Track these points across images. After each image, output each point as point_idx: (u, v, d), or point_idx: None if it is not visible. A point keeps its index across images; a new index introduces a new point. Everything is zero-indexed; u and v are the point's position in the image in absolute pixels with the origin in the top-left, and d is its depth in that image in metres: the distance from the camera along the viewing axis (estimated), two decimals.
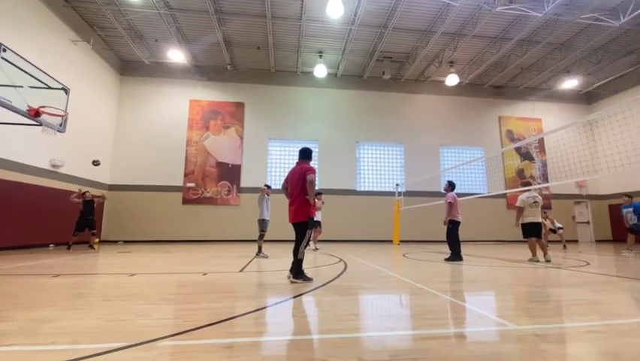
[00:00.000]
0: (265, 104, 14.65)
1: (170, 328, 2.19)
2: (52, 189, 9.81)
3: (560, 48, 13.04)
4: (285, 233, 13.16)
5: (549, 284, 4.19)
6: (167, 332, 2.07)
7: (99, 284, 4.02)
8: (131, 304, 2.89)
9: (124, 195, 13.05)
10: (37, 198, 9.21)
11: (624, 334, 2.16)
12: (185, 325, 2.24)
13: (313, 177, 4.09)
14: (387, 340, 2.04)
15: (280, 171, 14.38)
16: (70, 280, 4.12)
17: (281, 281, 4.14)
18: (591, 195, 16.09)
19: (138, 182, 13.26)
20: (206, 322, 2.30)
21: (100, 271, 5.28)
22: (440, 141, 15.60)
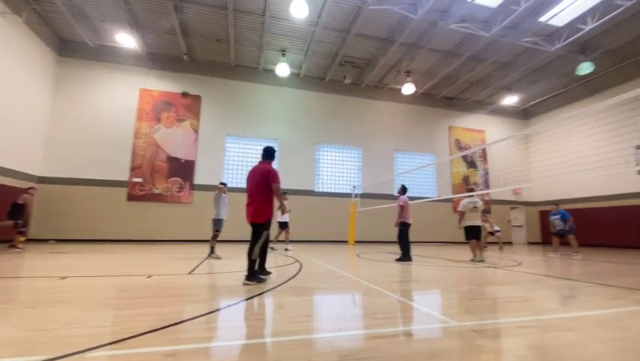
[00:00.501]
0: (224, 99, 14.13)
1: (104, 336, 1.99)
2: None
3: (503, 67, 14.31)
4: (242, 233, 12.85)
5: (487, 283, 4.54)
6: (100, 342, 1.88)
7: (23, 289, 3.56)
8: (60, 311, 2.59)
9: (58, 189, 11.72)
10: None
11: (550, 328, 2.40)
12: (123, 332, 2.05)
13: (278, 186, 4.10)
14: (338, 341, 2.06)
15: (237, 169, 13.97)
16: None
17: (233, 283, 4.00)
18: (525, 201, 17.86)
19: (75, 175, 11.99)
20: (146, 328, 2.13)
21: (25, 273, 4.69)
22: (395, 146, 16.28)
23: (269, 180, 4.09)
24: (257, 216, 4.06)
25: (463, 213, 7.46)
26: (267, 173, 4.12)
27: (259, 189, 4.10)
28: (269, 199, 4.12)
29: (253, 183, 4.19)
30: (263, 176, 4.12)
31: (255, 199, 4.11)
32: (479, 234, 7.46)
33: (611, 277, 5.11)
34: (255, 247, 4.00)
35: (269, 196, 4.12)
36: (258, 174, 4.18)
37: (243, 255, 4.31)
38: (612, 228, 13.69)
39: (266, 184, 4.09)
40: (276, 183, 4.08)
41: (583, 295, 3.71)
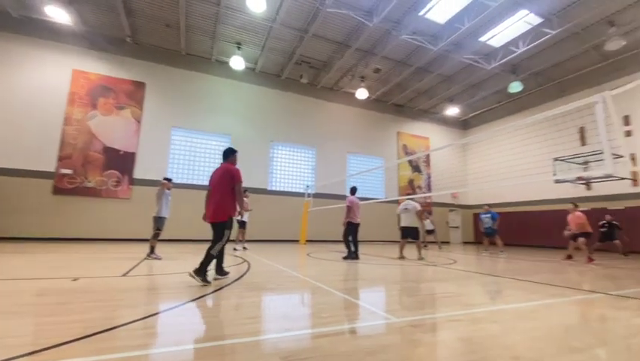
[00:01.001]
0: (171, 88, 13.25)
1: (20, 347, 1.73)
2: None
3: (447, 80, 15.46)
4: (189, 232, 12.16)
5: (425, 280, 4.86)
6: (15, 353, 1.63)
7: None
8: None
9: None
10: None
11: (478, 321, 2.63)
12: (41, 342, 1.80)
13: (240, 186, 4.16)
14: (282, 342, 2.03)
15: (184, 164, 13.20)
16: None
17: (172, 286, 3.76)
18: (461, 205, 19.49)
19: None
20: (69, 337, 1.90)
21: None
22: (348, 148, 16.70)
23: (230, 179, 4.13)
24: (217, 215, 4.07)
25: (399, 216, 8.09)
26: (228, 173, 4.17)
27: (220, 189, 4.13)
28: (229, 198, 4.12)
29: (214, 183, 4.23)
30: (224, 176, 4.17)
31: (215, 199, 4.13)
32: (411, 234, 7.93)
33: (530, 273, 5.78)
34: (217, 245, 4.03)
35: (229, 196, 4.13)
36: (220, 173, 4.23)
37: (188, 255, 4.08)
38: (533, 229, 15.54)
39: (227, 184, 4.13)
40: (238, 183, 4.13)
41: (506, 290, 4.14)
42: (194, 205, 12.73)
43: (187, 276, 3.98)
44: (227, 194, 4.13)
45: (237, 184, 4.14)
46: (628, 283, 4.83)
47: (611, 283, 4.73)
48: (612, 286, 4.52)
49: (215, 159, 13.77)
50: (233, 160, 4.50)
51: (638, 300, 3.56)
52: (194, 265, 3.92)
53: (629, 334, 2.38)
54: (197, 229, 12.61)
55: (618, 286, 4.53)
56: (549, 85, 15.08)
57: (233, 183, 4.13)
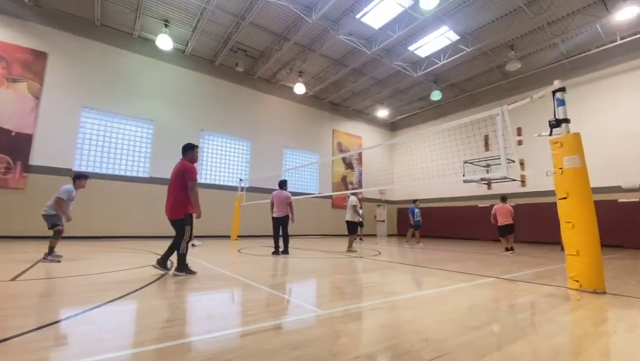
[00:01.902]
0: (82, 63, 11.48)
1: None
2: None
3: (379, 83, 16.39)
4: (106, 229, 10.75)
5: (351, 272, 5.11)
6: None
7: None
8: None
9: None
10: None
11: (396, 308, 2.86)
12: None
13: (193, 184, 4.21)
14: (204, 344, 1.93)
15: (97, 152, 11.61)
16: None
17: (77, 290, 3.29)
18: (387, 200, 20.99)
19: None
20: None
21: None
22: (285, 142, 16.61)
23: (184, 176, 4.18)
24: (174, 212, 4.19)
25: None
26: (183, 170, 4.21)
27: (176, 186, 4.21)
28: (185, 195, 4.20)
29: (171, 180, 4.29)
30: (179, 173, 4.22)
31: (172, 196, 4.23)
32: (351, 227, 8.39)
33: (443, 263, 6.50)
34: (182, 242, 4.18)
35: (185, 193, 4.20)
36: (176, 170, 4.28)
37: (99, 254, 3.58)
38: (449, 223, 17.52)
39: (182, 181, 4.19)
40: (191, 181, 4.18)
41: (422, 278, 4.59)
42: (108, 198, 11.35)
43: (95, 277, 3.52)
44: (183, 192, 4.18)
45: (190, 182, 4.16)
46: (514, 268, 5.77)
47: (501, 269, 5.59)
48: (504, 271, 5.35)
49: (135, 146, 12.41)
50: (192, 156, 4.44)
51: (522, 282, 4.28)
52: (104, 265, 3.48)
53: (515, 311, 2.84)
54: (114, 224, 11.30)
55: (508, 270, 5.38)
56: (463, 96, 17.06)
57: (188, 182, 4.16)
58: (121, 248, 8.03)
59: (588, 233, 3.67)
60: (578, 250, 3.71)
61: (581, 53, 12.79)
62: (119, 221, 11.52)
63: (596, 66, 13.15)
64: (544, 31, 11.74)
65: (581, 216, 3.74)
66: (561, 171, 3.95)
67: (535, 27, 11.59)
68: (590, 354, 1.87)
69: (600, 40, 12.12)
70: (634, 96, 12.16)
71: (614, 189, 12.22)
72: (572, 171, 3.86)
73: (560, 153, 3.98)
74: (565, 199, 3.89)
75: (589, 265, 3.65)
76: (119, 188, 11.67)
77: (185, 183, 4.19)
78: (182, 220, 4.20)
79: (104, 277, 3.97)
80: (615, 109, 12.57)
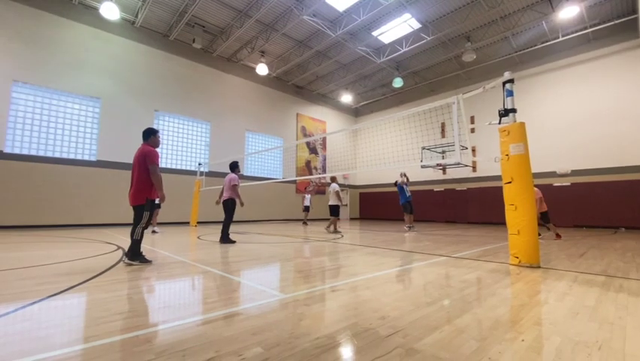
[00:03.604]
0: (11, 30, 10.06)
1: None
2: None
3: (343, 68, 16.36)
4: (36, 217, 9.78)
5: (315, 255, 5.19)
6: None
7: None
8: None
9: None
10: None
11: (355, 288, 2.95)
12: None
13: (155, 168, 4.12)
14: (158, 336, 1.86)
15: (32, 131, 10.41)
16: None
17: (11, 285, 2.99)
18: (350, 185, 21.43)
19: None
20: None
21: None
22: (247, 125, 16.12)
23: (145, 161, 4.11)
24: (136, 198, 4.12)
25: None
26: (144, 154, 4.14)
27: (138, 172, 4.13)
28: (147, 181, 4.13)
29: (133, 165, 4.22)
30: (140, 157, 4.15)
31: (133, 181, 4.16)
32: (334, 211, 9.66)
33: (400, 244, 6.81)
34: (137, 227, 4.08)
35: (147, 178, 4.14)
36: (137, 155, 4.20)
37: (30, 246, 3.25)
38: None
39: (143, 166, 4.12)
40: (151, 165, 4.10)
41: (380, 259, 4.78)
42: (48, 183, 10.33)
43: (34, 270, 3.21)
44: (145, 177, 4.12)
45: (151, 165, 4.09)
46: (463, 247, 6.22)
47: (453, 248, 6.01)
48: (454, 250, 5.74)
49: (79, 126, 11.32)
50: (154, 142, 4.40)
51: (469, 260, 4.63)
52: (45, 256, 3.19)
53: (464, 287, 3.07)
54: (56, 212, 10.34)
55: (457, 250, 5.79)
56: (423, 84, 17.62)
57: (149, 165, 4.09)
58: (64, 237, 7.40)
59: (528, 214, 4.05)
60: (519, 229, 4.08)
61: (528, 47, 13.72)
62: (62, 208, 10.56)
63: (541, 60, 14.21)
64: (498, 25, 12.38)
65: (523, 198, 4.10)
66: (507, 157, 4.27)
67: (489, 20, 12.17)
68: (525, 322, 2.09)
69: (545, 37, 13.07)
70: (573, 89, 13.38)
71: (549, 174, 13.53)
72: (517, 158, 4.19)
73: (507, 141, 4.29)
74: (510, 183, 4.22)
75: (527, 243, 4.04)
76: (61, 172, 10.63)
77: (145, 168, 4.11)
78: (142, 205, 4.11)
79: (44, 270, 3.64)
80: (556, 101, 13.77)
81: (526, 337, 1.85)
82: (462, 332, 1.92)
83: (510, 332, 1.93)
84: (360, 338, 1.82)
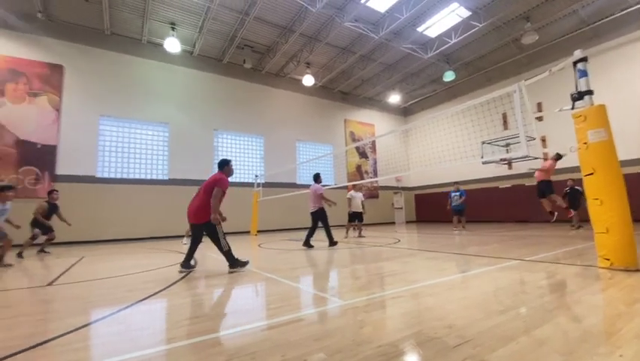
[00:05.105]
0: (96, 73, 11.80)
1: None
2: None
3: (389, 68, 16.04)
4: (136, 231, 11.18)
5: (372, 261, 5.10)
6: None
7: None
8: None
9: None
10: None
11: (417, 295, 2.84)
12: None
13: (218, 192, 4.34)
14: (228, 339, 1.99)
15: (116, 157, 12.00)
16: None
17: (106, 291, 3.45)
18: (404, 187, 20.73)
19: None
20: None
21: None
22: (297, 136, 16.62)
23: (214, 185, 4.38)
24: (197, 216, 4.39)
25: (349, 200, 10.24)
26: (215, 180, 4.46)
27: (204, 194, 4.42)
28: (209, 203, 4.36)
29: (202, 186, 4.54)
30: (211, 182, 4.46)
31: (196, 201, 4.46)
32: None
33: (464, 247, 6.38)
34: (221, 240, 4.40)
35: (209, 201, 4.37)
36: (210, 180, 4.52)
37: (117, 257, 3.72)
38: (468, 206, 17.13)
39: (211, 190, 4.38)
40: (218, 188, 4.35)
41: (443, 264, 4.53)
42: (129, 202, 11.74)
43: (124, 280, 3.67)
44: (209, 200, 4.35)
45: (217, 189, 4.34)
46: (538, 249, 5.60)
47: (527, 251, 5.44)
48: (528, 252, 5.20)
49: (153, 149, 12.74)
50: (228, 171, 4.74)
51: (547, 263, 4.15)
52: (131, 266, 3.62)
53: (542, 294, 2.76)
54: (135, 227, 11.70)
55: (532, 252, 5.23)
56: (477, 74, 16.47)
57: (215, 188, 4.35)
58: (144, 249, 8.32)
59: (618, 209, 3.51)
60: (607, 227, 3.55)
61: (603, 18, 12.03)
62: (140, 223, 11.91)
63: (620, 31, 12.35)
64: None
65: (609, 191, 3.57)
66: (586, 145, 3.77)
67: None
68: (624, 335, 1.80)
69: (624, 3, 11.35)
70: None
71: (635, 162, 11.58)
72: (598, 146, 3.67)
73: (583, 127, 3.79)
74: (591, 175, 3.71)
75: (620, 243, 3.49)
76: (139, 191, 12.04)
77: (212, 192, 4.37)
78: (207, 223, 4.35)
79: (132, 278, 4.14)
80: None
81: (625, 352, 1.60)
82: (542, 343, 1.72)
83: (604, 345, 1.69)
84: (425, 347, 1.74)
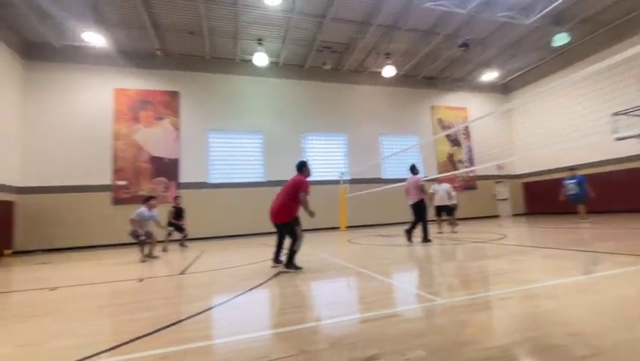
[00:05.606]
0: (202, 94, 13.81)
1: (94, 346, 1.99)
2: None
3: (481, 43, 14.35)
4: (238, 228, 12.81)
5: (473, 258, 4.69)
6: (89, 352, 1.88)
7: (12, 303, 3.49)
8: (50, 323, 2.56)
9: (39, 199, 11.35)
10: None
11: (532, 297, 2.51)
12: (119, 338, 2.05)
13: (304, 196, 4.55)
14: (329, 328, 2.11)
15: (222, 165, 13.80)
16: None
17: (224, 280, 4.02)
18: (509, 175, 18.29)
19: (56, 182, 11.63)
20: (141, 332, 2.14)
21: (12, 288, 4.59)
22: (380, 130, 16.32)
23: (298, 189, 4.57)
24: (279, 217, 4.57)
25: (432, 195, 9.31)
26: (298, 183, 4.62)
27: (286, 194, 4.61)
28: (292, 204, 4.58)
29: (283, 189, 4.74)
30: (294, 185, 4.62)
31: (278, 202, 4.64)
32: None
33: (592, 242, 5.33)
34: (297, 241, 4.48)
35: (293, 202, 4.58)
36: (290, 182, 4.71)
37: (228, 252, 4.32)
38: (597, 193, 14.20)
39: (293, 192, 4.57)
40: (304, 193, 4.56)
41: (565, 263, 3.87)
42: (237, 202, 13.34)
43: (236, 271, 4.22)
44: (292, 201, 4.56)
45: (303, 194, 4.54)
46: None
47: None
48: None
49: (251, 156, 14.24)
50: (307, 172, 4.93)
51: None
52: (241, 259, 4.12)
53: None
54: (239, 224, 13.25)
55: None
56: (601, 31, 13.41)
57: (299, 192, 4.54)
58: (248, 244, 9.35)
59: None
60: None
61: None
62: (243, 221, 13.39)
63: None
64: None
65: None
66: None
67: None
68: None
69: None
70: None
71: None
72: None
73: None
74: None
75: None
76: (241, 193, 13.60)
77: (295, 195, 4.55)
78: (291, 223, 4.53)
79: (243, 269, 4.74)
80: None
81: None
82: None
83: None
84: (544, 355, 1.54)
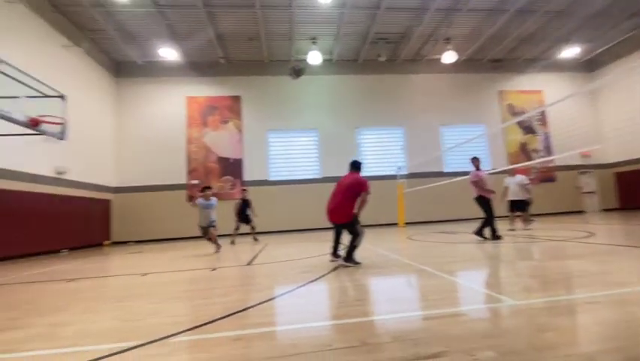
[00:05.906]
0: (261, 96, 14.56)
1: (182, 324, 2.28)
2: (58, 196, 9.98)
3: (559, 16, 12.67)
4: (297, 222, 13.34)
5: (550, 258, 4.23)
6: (178, 329, 2.16)
7: (111, 286, 4.15)
8: (144, 303, 3.00)
9: (130, 197, 13.22)
10: (45, 206, 9.38)
11: (625, 303, 2.20)
12: (198, 320, 2.33)
13: (365, 195, 4.52)
14: (390, 323, 2.12)
15: (281, 163, 14.41)
16: (84, 285, 4.24)
17: (287, 271, 4.24)
18: (596, 164, 15.92)
19: (142, 183, 13.41)
20: (216, 316, 2.39)
21: (112, 273, 5.43)
22: (440, 120, 15.44)
23: (358, 188, 4.52)
24: (338, 217, 4.57)
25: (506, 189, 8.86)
26: (359, 183, 4.57)
27: (343, 195, 4.55)
28: (350, 204, 4.52)
29: (341, 187, 4.65)
30: (352, 184, 4.57)
31: (336, 201, 4.60)
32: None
33: None
34: (358, 238, 4.46)
35: (351, 202, 4.53)
36: (348, 181, 4.64)
37: (287, 245, 4.51)
38: None
39: (352, 192, 4.52)
40: (364, 192, 4.51)
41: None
42: (295, 198, 13.84)
43: (297, 263, 4.42)
44: (349, 201, 4.51)
45: (364, 193, 4.51)
46: None
47: None
48: None
49: (307, 153, 14.62)
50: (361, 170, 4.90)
51: None
52: (302, 252, 4.29)
53: None
54: (304, 219, 13.71)
55: None
56: None
57: (360, 192, 4.51)
58: (306, 239, 9.64)
59: None
60: None
61: None
62: (301, 216, 13.81)
63: None
64: None
65: None
66: None
67: None
68: None
69: None
70: None
71: None
72: None
73: None
74: None
75: None
76: (298, 189, 14.06)
77: (354, 195, 4.51)
78: (351, 222, 4.50)
79: (302, 262, 4.94)
80: None
81: None
82: None
83: None
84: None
